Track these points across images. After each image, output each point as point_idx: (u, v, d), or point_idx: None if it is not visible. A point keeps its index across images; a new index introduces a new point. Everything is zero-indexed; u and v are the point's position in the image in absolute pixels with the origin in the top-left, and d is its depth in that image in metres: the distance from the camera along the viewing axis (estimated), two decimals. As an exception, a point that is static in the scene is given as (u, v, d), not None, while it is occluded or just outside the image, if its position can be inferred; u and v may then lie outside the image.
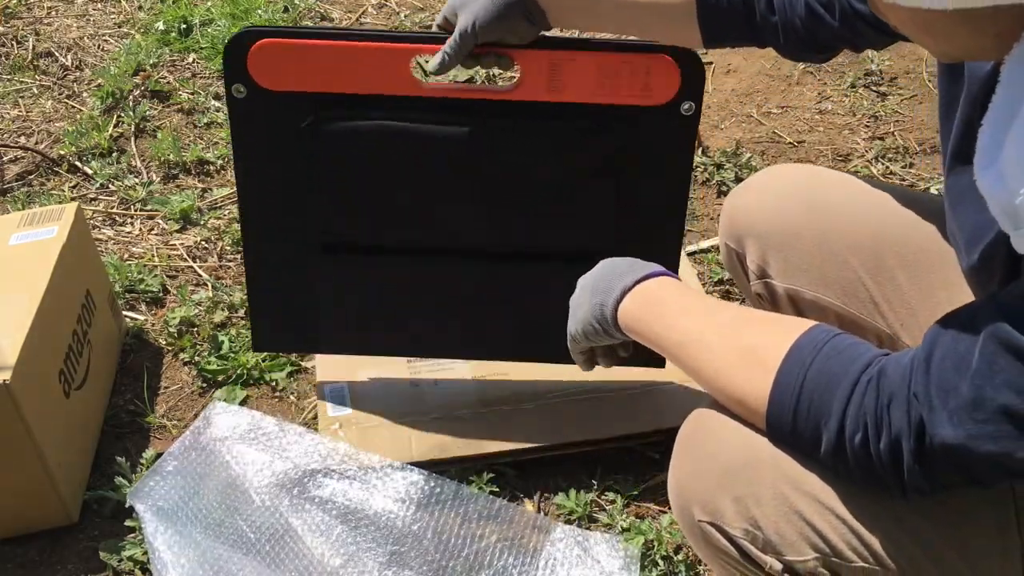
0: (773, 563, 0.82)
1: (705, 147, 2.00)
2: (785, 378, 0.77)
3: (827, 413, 0.75)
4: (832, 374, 0.75)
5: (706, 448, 0.87)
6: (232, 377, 1.51)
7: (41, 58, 2.31)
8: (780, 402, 0.78)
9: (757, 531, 0.82)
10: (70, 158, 1.98)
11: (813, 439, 0.76)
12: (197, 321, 1.60)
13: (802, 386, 0.76)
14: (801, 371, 0.76)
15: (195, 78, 2.24)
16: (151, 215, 1.85)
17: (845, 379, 0.74)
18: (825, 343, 0.77)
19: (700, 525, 0.86)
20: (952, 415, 0.67)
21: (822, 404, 0.75)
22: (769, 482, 0.82)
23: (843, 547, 0.79)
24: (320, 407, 1.40)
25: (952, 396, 0.67)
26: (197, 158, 1.97)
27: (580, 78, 1.15)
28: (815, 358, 0.76)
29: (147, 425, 1.44)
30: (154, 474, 1.28)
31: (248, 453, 1.32)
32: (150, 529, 1.21)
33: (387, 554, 1.22)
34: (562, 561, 1.22)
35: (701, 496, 0.86)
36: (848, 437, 0.74)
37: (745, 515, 0.83)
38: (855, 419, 0.73)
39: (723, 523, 0.85)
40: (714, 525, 0.85)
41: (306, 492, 1.28)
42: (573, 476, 1.36)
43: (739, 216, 1.17)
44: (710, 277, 1.70)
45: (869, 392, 0.72)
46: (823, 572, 0.81)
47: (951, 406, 0.67)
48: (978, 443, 0.66)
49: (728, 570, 0.88)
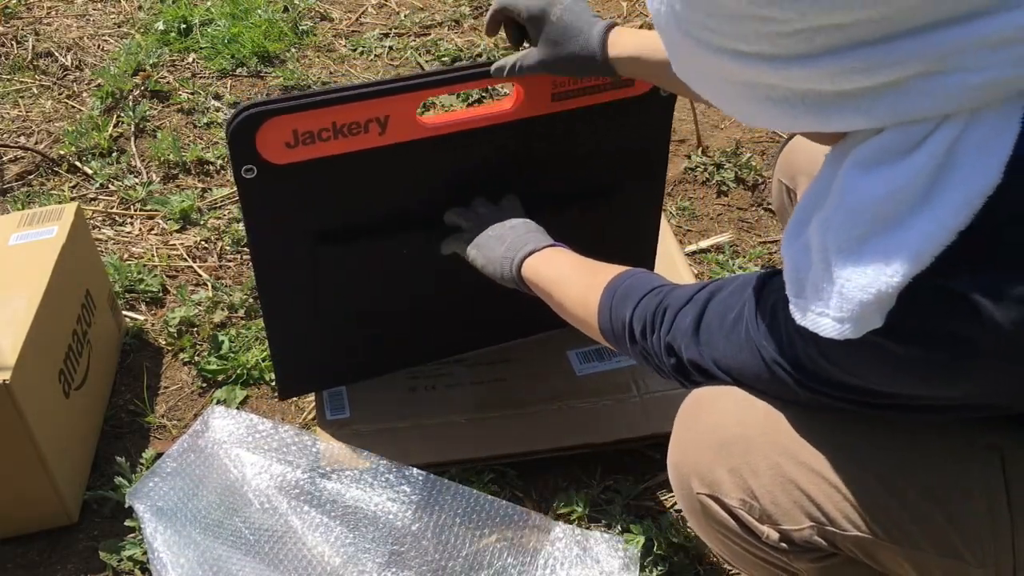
0: (770, 532, 0.85)
1: (705, 147, 1.99)
2: (604, 300, 1.01)
3: (623, 319, 0.98)
4: (626, 296, 0.99)
5: (703, 421, 0.91)
6: (232, 377, 1.51)
7: (41, 58, 2.31)
8: (602, 318, 1.01)
9: (754, 501, 0.85)
10: (70, 158, 1.98)
11: (623, 337, 0.98)
12: (197, 321, 1.60)
13: (611, 307, 1.00)
14: (609, 298, 1.01)
15: (195, 78, 2.24)
16: (151, 215, 1.85)
17: (632, 298, 0.98)
18: (627, 278, 1.01)
19: (699, 497, 0.90)
20: (698, 343, 0.88)
21: (622, 314, 0.98)
22: (764, 453, 0.85)
23: (837, 515, 0.81)
24: (319, 411, 1.40)
25: (704, 332, 0.88)
26: (197, 158, 1.97)
27: (577, 86, 1.23)
28: (617, 289, 1.01)
29: (147, 425, 1.44)
30: (153, 474, 1.28)
31: (246, 456, 1.32)
32: (149, 529, 1.21)
33: (387, 554, 1.22)
34: (562, 561, 1.22)
35: (699, 469, 0.90)
36: (636, 332, 0.96)
37: (742, 486, 0.86)
38: (639, 320, 0.96)
39: (721, 494, 0.88)
40: (712, 497, 0.89)
41: (305, 493, 1.28)
42: (573, 476, 1.36)
43: (795, 155, 1.24)
44: (710, 277, 1.70)
45: (649, 304, 0.95)
46: (818, 540, 0.83)
47: (700, 339, 0.88)
48: (705, 361, 0.88)
49: (727, 545, 0.91)
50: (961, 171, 0.62)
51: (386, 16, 2.49)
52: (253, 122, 1.12)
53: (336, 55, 2.33)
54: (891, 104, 0.63)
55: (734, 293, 0.86)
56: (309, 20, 2.46)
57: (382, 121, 1.17)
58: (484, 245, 1.20)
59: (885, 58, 0.61)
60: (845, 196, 0.67)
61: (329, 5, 2.53)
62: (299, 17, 2.45)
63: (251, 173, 1.15)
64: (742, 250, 1.77)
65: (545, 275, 1.12)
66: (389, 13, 2.50)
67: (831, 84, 0.64)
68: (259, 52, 2.30)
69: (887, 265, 0.63)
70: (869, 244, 0.65)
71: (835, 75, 0.63)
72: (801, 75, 0.64)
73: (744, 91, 0.69)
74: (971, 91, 0.61)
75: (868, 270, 0.64)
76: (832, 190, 0.68)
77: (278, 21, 2.41)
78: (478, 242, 1.20)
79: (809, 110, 0.66)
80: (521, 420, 1.38)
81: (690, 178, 1.94)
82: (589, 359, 1.47)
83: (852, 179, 0.66)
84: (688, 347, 0.89)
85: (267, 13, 2.42)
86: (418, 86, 1.17)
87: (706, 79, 0.72)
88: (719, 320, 0.86)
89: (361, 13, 2.50)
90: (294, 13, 2.45)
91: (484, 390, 1.42)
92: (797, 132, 0.73)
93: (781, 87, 0.66)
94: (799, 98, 0.66)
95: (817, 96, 0.65)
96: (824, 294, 0.68)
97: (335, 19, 2.48)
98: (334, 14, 2.50)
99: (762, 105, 0.68)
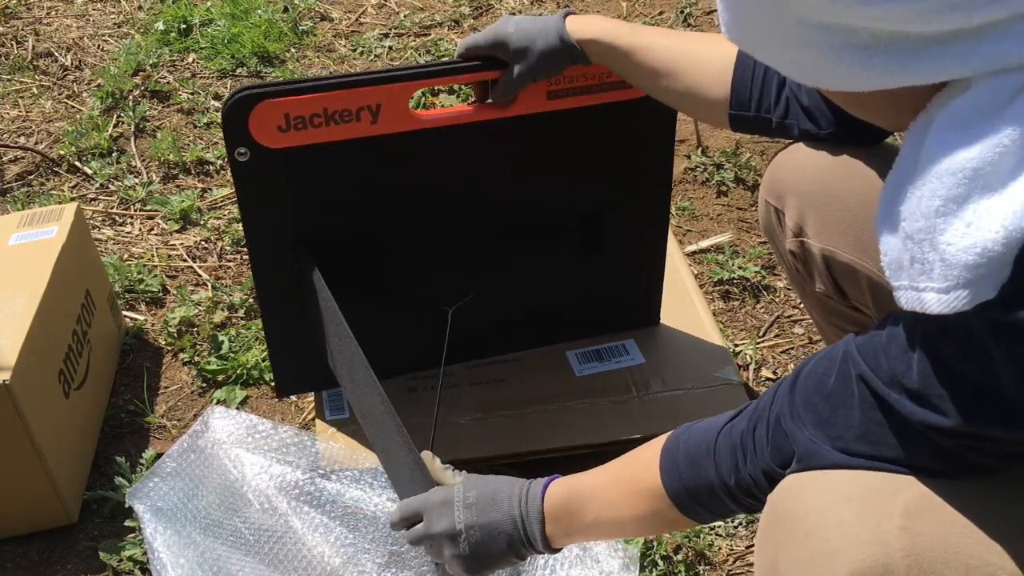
0: None
1: (705, 147, 1.99)
2: (670, 482, 0.86)
3: (708, 477, 0.83)
4: (695, 455, 0.85)
5: (814, 534, 0.71)
6: (232, 377, 1.51)
7: (41, 58, 2.31)
8: (679, 500, 0.86)
9: None
10: (70, 158, 1.98)
11: (721, 508, 0.85)
12: (197, 321, 1.60)
13: (681, 478, 0.85)
14: (674, 468, 0.86)
15: (195, 78, 2.24)
16: (151, 215, 1.85)
17: (706, 452, 0.83)
18: (682, 435, 0.87)
19: None
20: (810, 428, 0.74)
21: (702, 475, 0.83)
22: None
23: None
24: (318, 411, 1.40)
25: (811, 411, 0.74)
26: (197, 158, 1.97)
27: (574, 84, 1.24)
28: (678, 453, 0.86)
29: (147, 425, 1.44)
30: (153, 475, 1.28)
31: (246, 456, 1.32)
32: (149, 529, 1.21)
33: (386, 554, 1.22)
34: (561, 561, 1.22)
35: None
36: (730, 485, 0.82)
37: None
38: (726, 467, 0.82)
39: None
40: None
41: (305, 493, 1.28)
42: (573, 476, 1.36)
43: (783, 173, 1.18)
44: (710, 277, 1.70)
45: (731, 439, 0.82)
46: None
47: (810, 420, 0.74)
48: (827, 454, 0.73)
49: None
50: None
51: (386, 16, 2.49)
52: (246, 104, 1.14)
53: (336, 55, 2.33)
54: (988, 48, 0.59)
55: (821, 360, 0.76)
56: (309, 20, 2.46)
57: (374, 110, 1.17)
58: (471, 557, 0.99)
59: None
60: (938, 160, 0.62)
61: (329, 5, 2.53)
62: (299, 17, 2.45)
63: (244, 156, 1.17)
64: (742, 250, 1.77)
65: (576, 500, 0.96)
66: (389, 13, 2.51)
67: (925, 24, 0.59)
68: (259, 52, 2.30)
69: (991, 221, 0.58)
70: (969, 205, 0.60)
71: (930, 13, 0.58)
72: (891, 11, 0.59)
73: (817, 38, 0.63)
74: None
75: (970, 230, 0.59)
76: (921, 158, 0.63)
77: (278, 21, 2.41)
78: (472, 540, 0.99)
79: (892, 58, 0.61)
80: (521, 420, 1.38)
81: (690, 178, 1.94)
82: (588, 359, 1.47)
83: (943, 142, 0.62)
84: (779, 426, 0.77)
85: (267, 13, 2.42)
86: (409, 76, 1.18)
87: (770, 27, 0.66)
88: (816, 385, 0.75)
89: (361, 13, 2.50)
90: (294, 13, 2.45)
91: (484, 391, 1.42)
92: (868, 90, 0.64)
93: (862, 29, 0.61)
94: (883, 44, 0.61)
95: (904, 40, 0.60)
96: (927, 266, 0.62)
97: (335, 19, 2.48)
98: (334, 14, 2.50)
99: (836, 55, 0.63)
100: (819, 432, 0.74)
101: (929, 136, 0.63)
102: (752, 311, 1.65)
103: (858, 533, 0.68)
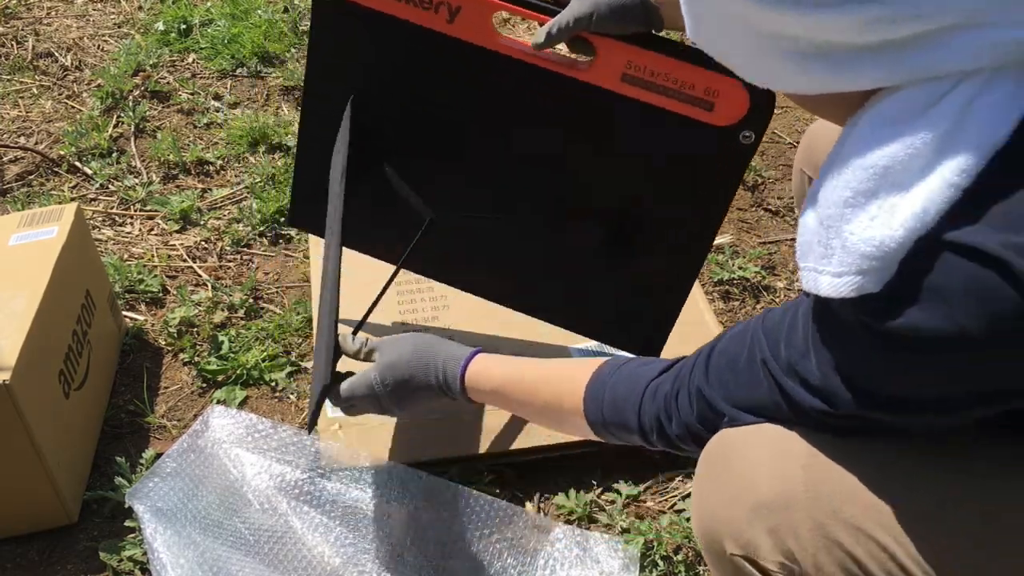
0: None
1: (705, 147, 1.99)
2: (591, 415, 1.00)
3: (629, 425, 0.96)
4: (622, 402, 0.97)
5: (734, 472, 0.83)
6: (232, 377, 1.51)
7: (41, 58, 2.31)
8: (595, 428, 1.01)
9: (794, 564, 0.79)
10: (70, 158, 1.98)
11: (631, 443, 0.98)
12: (197, 321, 1.60)
13: (603, 415, 0.99)
14: (598, 407, 0.99)
15: (195, 78, 2.24)
16: (151, 215, 1.85)
17: (631, 402, 0.95)
18: (608, 379, 0.99)
19: (732, 559, 0.83)
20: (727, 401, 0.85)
21: (624, 421, 0.96)
22: (806, 512, 0.78)
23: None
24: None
25: (725, 387, 0.85)
26: (197, 158, 1.97)
27: (652, 80, 1.16)
28: (603, 396, 0.99)
29: (147, 425, 1.44)
30: (153, 475, 1.28)
31: (246, 456, 1.32)
32: (149, 530, 1.21)
33: (386, 554, 1.22)
34: (562, 561, 1.22)
35: (732, 528, 0.82)
36: (651, 438, 0.94)
37: (781, 548, 0.80)
38: (649, 421, 0.94)
39: (757, 556, 0.81)
40: (747, 559, 0.82)
41: (305, 493, 1.28)
42: (573, 476, 1.36)
43: (819, 142, 1.21)
44: (710, 277, 1.70)
45: (657, 398, 0.93)
46: None
47: (724, 394, 0.85)
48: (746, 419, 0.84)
49: None
50: (973, 130, 0.62)
51: (386, 16, 2.49)
52: None
53: (336, 55, 2.33)
54: (915, 59, 0.63)
55: (734, 338, 0.86)
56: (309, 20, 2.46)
57: (452, 9, 1.16)
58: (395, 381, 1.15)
59: (917, 9, 0.60)
60: (855, 153, 0.66)
61: (329, 5, 2.53)
62: (299, 17, 2.45)
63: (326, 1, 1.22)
64: (742, 250, 1.77)
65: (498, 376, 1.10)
66: (389, 13, 2.51)
67: (856, 35, 0.63)
68: (259, 52, 2.30)
69: (892, 218, 0.63)
70: (876, 200, 0.64)
71: (861, 25, 0.62)
72: (827, 23, 0.63)
73: (766, 45, 0.68)
74: (997, 47, 0.61)
75: (873, 223, 0.64)
76: (843, 150, 0.68)
77: (278, 21, 2.41)
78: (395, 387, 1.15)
79: (830, 65, 0.66)
80: (521, 420, 1.38)
81: (690, 178, 1.94)
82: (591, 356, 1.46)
83: (863, 137, 0.66)
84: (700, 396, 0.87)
85: (267, 13, 2.42)
86: None
87: (725, 33, 0.71)
88: (728, 363, 0.85)
89: (361, 13, 2.50)
90: (294, 13, 2.45)
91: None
92: (812, 93, 0.70)
93: (804, 38, 0.65)
94: (822, 52, 0.65)
95: (840, 49, 0.65)
96: (829, 251, 0.67)
97: (335, 19, 2.48)
98: (334, 14, 2.50)
99: (782, 61, 0.68)
100: (735, 405, 0.84)
101: (854, 131, 0.68)
102: (752, 311, 1.65)
103: (768, 471, 0.80)
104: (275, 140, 2.02)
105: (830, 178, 0.68)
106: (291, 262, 1.74)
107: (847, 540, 0.77)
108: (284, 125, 2.06)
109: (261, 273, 1.72)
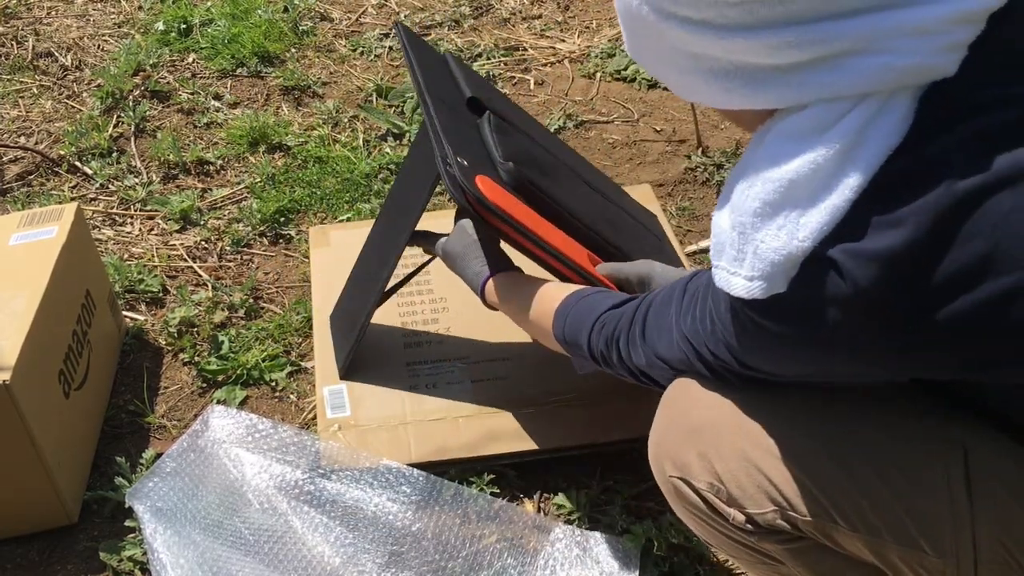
0: (736, 515, 0.89)
1: (705, 147, 2.00)
2: (557, 332, 1.12)
3: (583, 349, 1.07)
4: (578, 324, 1.08)
5: (679, 407, 0.95)
6: (232, 377, 1.51)
7: (41, 58, 2.31)
8: (563, 345, 1.12)
9: (720, 485, 0.89)
10: (70, 158, 1.98)
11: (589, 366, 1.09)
12: (197, 321, 1.60)
13: (564, 335, 1.11)
14: (561, 327, 1.11)
15: (195, 78, 2.24)
16: (151, 215, 1.85)
17: (585, 328, 1.07)
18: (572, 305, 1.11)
19: (671, 480, 0.94)
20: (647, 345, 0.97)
21: (579, 343, 1.08)
22: (730, 438, 0.89)
23: (796, 500, 0.85)
24: (319, 409, 1.40)
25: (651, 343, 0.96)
26: (197, 158, 1.97)
27: None
28: (567, 318, 1.11)
29: (147, 425, 1.44)
30: (153, 475, 1.28)
31: (246, 456, 1.32)
32: (149, 530, 1.21)
33: (386, 554, 1.22)
34: (562, 561, 1.22)
35: (671, 452, 0.94)
36: (599, 361, 1.06)
37: (709, 469, 0.90)
38: (597, 350, 1.05)
39: (690, 477, 0.92)
40: (683, 480, 0.93)
41: (305, 493, 1.28)
42: (573, 476, 1.36)
43: None
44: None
45: (604, 332, 1.04)
46: (782, 524, 0.87)
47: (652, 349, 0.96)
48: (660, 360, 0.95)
49: (702, 526, 0.95)
50: (866, 151, 0.68)
51: (386, 16, 2.49)
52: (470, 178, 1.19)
53: (336, 55, 2.33)
54: (818, 80, 0.69)
55: (665, 298, 0.95)
56: (309, 20, 2.46)
57: None
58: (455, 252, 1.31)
59: (816, 35, 0.67)
60: (764, 166, 0.72)
61: (329, 5, 2.53)
62: (299, 17, 2.45)
63: None
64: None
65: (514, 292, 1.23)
66: (389, 13, 2.51)
67: (768, 57, 0.69)
68: (259, 52, 2.30)
69: (799, 231, 0.70)
70: (782, 212, 0.71)
71: (772, 48, 0.69)
72: (741, 46, 0.70)
73: (689, 63, 0.74)
74: (889, 72, 0.67)
75: (782, 234, 0.71)
76: (755, 159, 0.74)
77: (278, 21, 2.41)
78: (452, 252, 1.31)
79: (745, 84, 0.72)
80: (521, 420, 1.38)
81: (690, 178, 1.94)
82: (589, 359, 1.47)
83: (771, 151, 0.72)
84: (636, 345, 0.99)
85: (267, 13, 2.42)
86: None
87: (657, 52, 0.78)
88: (656, 321, 0.95)
89: (361, 13, 2.50)
90: (294, 13, 2.45)
91: (484, 389, 1.42)
92: (732, 108, 0.77)
93: (723, 59, 0.72)
94: (737, 72, 0.72)
95: (754, 69, 0.71)
96: (741, 255, 0.74)
97: (335, 19, 2.48)
98: (334, 14, 2.50)
99: (704, 78, 0.74)
100: (659, 358, 0.95)
101: (764, 143, 0.74)
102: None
103: (704, 404, 0.91)
104: (275, 140, 2.02)
105: (741, 184, 0.74)
106: (291, 262, 1.74)
107: (764, 464, 0.87)
108: (284, 125, 2.06)
109: (261, 273, 1.72)
